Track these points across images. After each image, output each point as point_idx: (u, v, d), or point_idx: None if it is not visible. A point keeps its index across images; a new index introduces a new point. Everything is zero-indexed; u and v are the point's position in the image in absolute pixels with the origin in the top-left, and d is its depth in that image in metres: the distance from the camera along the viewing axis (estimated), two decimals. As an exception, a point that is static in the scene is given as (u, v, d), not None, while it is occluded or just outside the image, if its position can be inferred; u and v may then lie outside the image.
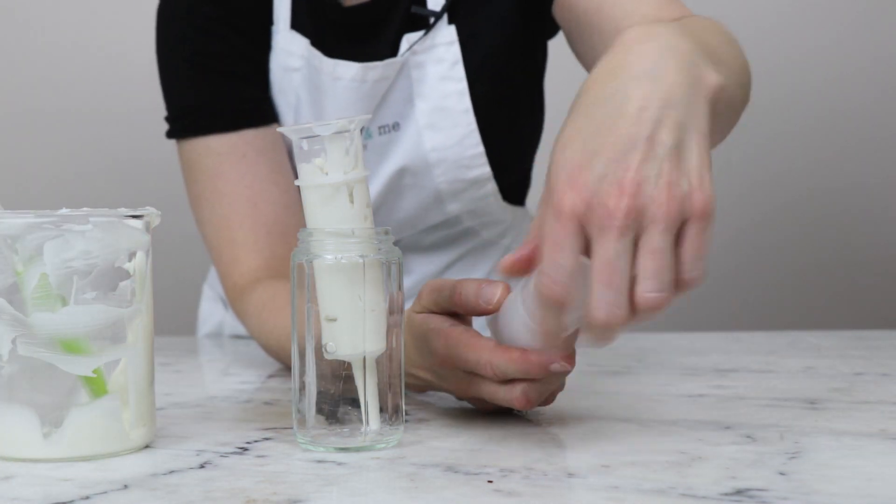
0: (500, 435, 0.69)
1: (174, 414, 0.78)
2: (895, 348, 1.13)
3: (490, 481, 0.57)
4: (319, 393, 0.65)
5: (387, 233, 0.66)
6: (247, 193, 1.05)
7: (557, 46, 1.16)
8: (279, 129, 0.69)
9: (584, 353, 1.15)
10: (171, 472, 0.60)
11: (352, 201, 0.67)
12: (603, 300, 0.59)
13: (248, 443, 0.68)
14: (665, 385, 0.89)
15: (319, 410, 0.65)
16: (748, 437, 0.68)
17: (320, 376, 0.65)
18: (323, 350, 0.65)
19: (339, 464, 0.62)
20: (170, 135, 1.10)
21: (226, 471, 0.61)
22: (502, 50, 1.10)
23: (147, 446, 0.67)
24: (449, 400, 0.83)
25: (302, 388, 0.65)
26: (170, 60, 1.11)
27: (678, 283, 0.60)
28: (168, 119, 1.10)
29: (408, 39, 1.08)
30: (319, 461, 0.63)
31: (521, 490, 0.56)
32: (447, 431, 0.71)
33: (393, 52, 1.08)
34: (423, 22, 1.08)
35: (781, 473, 0.58)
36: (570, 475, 0.59)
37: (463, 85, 1.09)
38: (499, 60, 1.10)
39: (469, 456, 0.63)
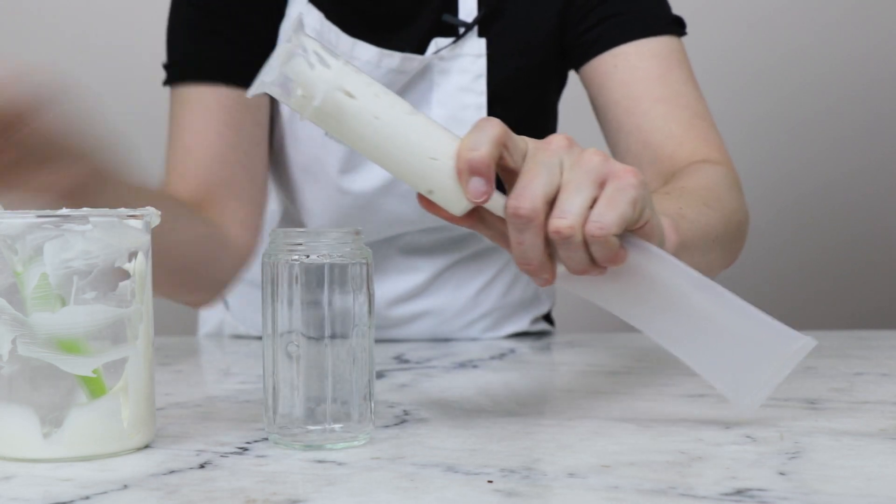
0: (500, 435, 0.69)
1: (174, 414, 0.78)
2: (895, 348, 1.13)
3: (490, 481, 0.57)
4: (288, 391, 0.65)
5: (357, 233, 0.66)
6: (187, 140, 1.09)
7: (575, 73, 1.15)
8: (249, 94, 0.66)
9: (585, 353, 1.15)
10: (171, 472, 0.60)
11: (353, 97, 0.64)
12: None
13: (248, 443, 0.68)
14: (665, 385, 0.89)
15: (289, 409, 0.65)
16: (748, 437, 0.68)
17: (285, 375, 0.65)
18: (288, 349, 0.65)
19: (340, 464, 0.62)
20: (165, 82, 1.14)
21: (226, 471, 0.61)
22: (527, 74, 1.11)
23: (147, 446, 0.66)
24: (449, 400, 0.83)
25: (271, 386, 0.66)
26: (176, 11, 1.13)
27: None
28: (164, 67, 1.14)
29: (436, 43, 1.08)
30: (319, 461, 0.63)
31: (521, 490, 0.56)
32: (447, 431, 0.71)
33: (418, 51, 1.09)
34: (454, 30, 1.09)
35: (781, 473, 0.58)
36: (570, 475, 0.59)
37: (482, 99, 1.09)
38: (521, 83, 1.11)
39: (469, 456, 0.63)
